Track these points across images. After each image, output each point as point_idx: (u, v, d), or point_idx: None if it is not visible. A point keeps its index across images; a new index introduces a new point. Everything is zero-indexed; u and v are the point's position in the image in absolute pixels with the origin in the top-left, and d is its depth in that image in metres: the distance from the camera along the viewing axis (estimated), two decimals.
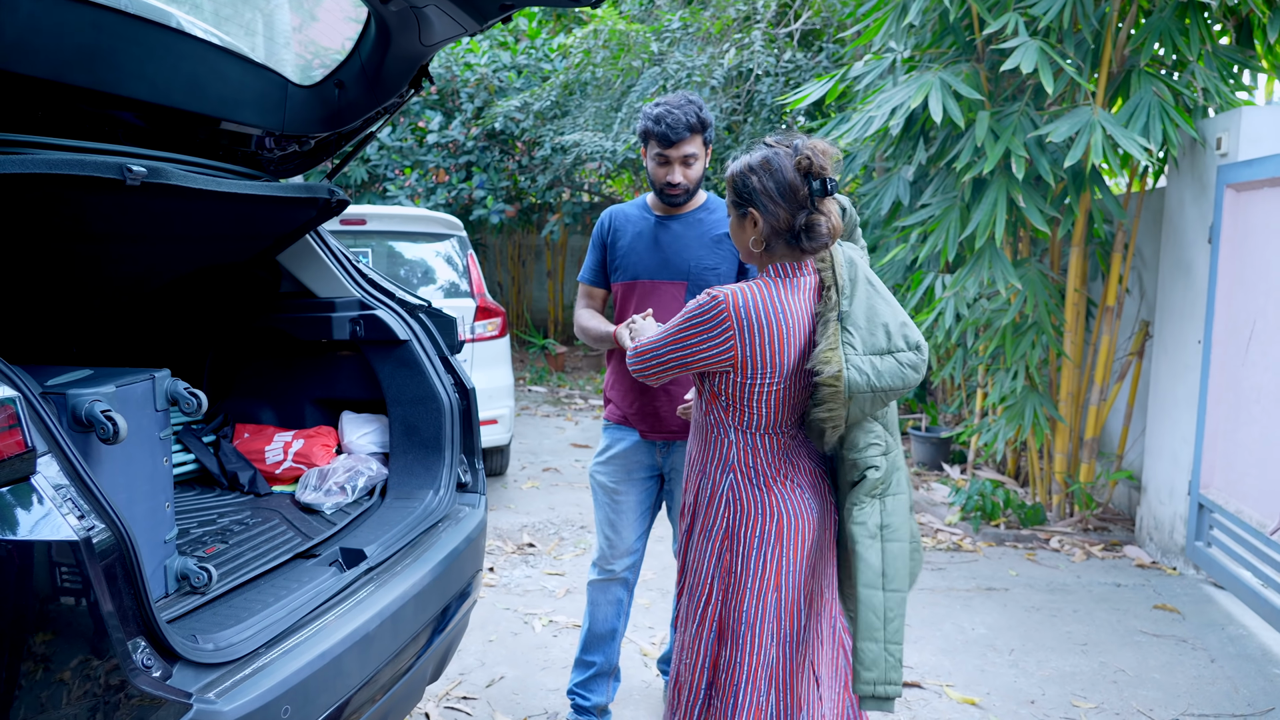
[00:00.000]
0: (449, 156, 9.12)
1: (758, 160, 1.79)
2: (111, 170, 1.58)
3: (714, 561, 1.85)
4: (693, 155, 2.39)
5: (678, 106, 2.36)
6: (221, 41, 2.16)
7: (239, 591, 1.79)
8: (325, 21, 2.63)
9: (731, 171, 1.81)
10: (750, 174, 1.78)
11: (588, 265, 2.62)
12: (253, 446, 2.56)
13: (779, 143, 1.82)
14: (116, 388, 1.58)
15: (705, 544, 1.87)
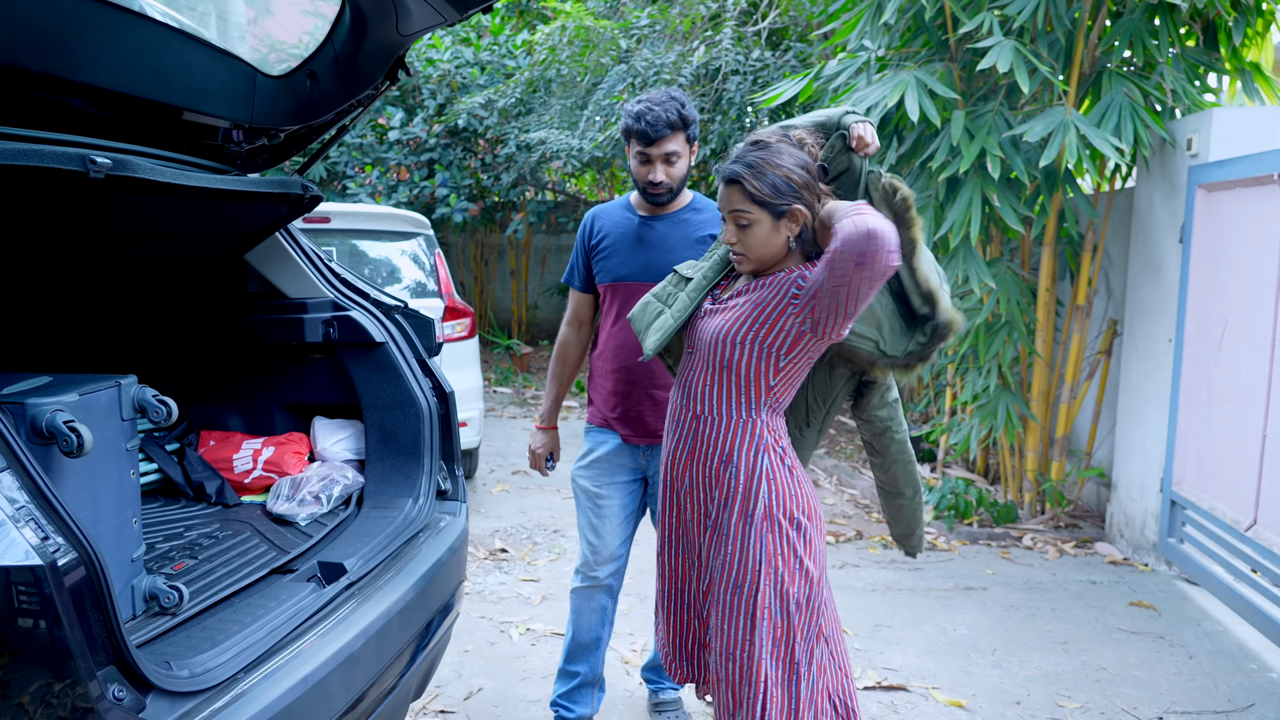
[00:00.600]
0: (411, 154, 8.95)
1: (789, 156, 1.77)
2: (73, 162, 1.47)
3: (758, 547, 1.79)
4: (675, 153, 2.33)
5: (659, 103, 2.30)
6: (186, 27, 2.04)
7: (212, 611, 1.68)
8: (281, 15, 2.52)
9: (767, 178, 1.76)
10: (795, 169, 1.77)
11: (571, 267, 2.55)
12: (219, 455, 2.43)
13: (775, 135, 1.81)
14: (79, 396, 1.47)
15: (746, 531, 1.80)
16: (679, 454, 1.94)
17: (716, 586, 1.85)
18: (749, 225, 1.79)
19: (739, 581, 1.80)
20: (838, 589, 3.79)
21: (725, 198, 1.81)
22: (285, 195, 2.19)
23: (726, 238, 1.84)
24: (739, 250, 1.83)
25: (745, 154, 1.80)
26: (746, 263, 1.84)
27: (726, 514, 1.84)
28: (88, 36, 1.73)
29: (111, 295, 2.42)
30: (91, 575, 1.23)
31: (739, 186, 1.78)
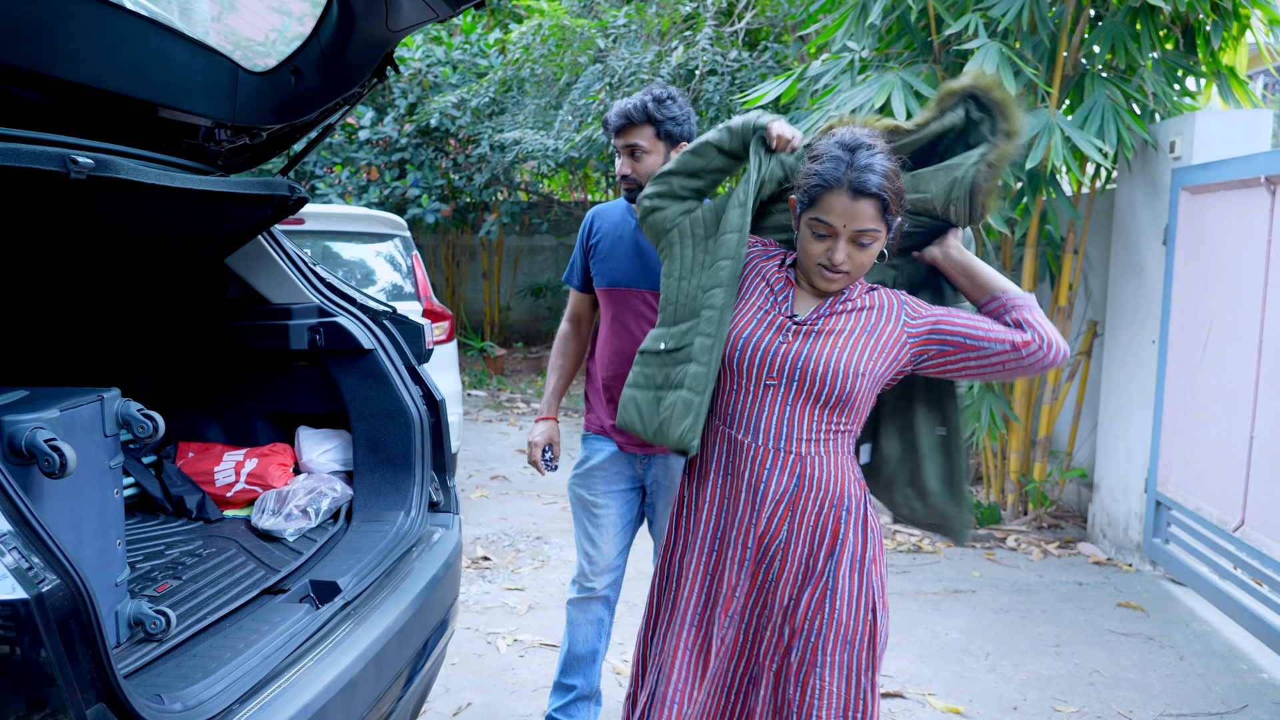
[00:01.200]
0: (381, 154, 8.81)
1: (891, 156, 1.59)
2: (53, 162, 1.37)
3: (867, 594, 1.66)
4: (638, 146, 2.26)
5: (634, 97, 2.29)
6: (165, 20, 1.94)
7: (202, 636, 1.59)
8: (247, 11, 2.43)
9: (897, 189, 1.57)
10: (897, 175, 1.59)
11: (571, 265, 2.50)
12: (200, 467, 2.33)
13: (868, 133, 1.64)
14: (61, 412, 1.37)
15: (859, 579, 1.66)
16: (768, 500, 1.66)
17: (825, 646, 1.64)
18: (871, 244, 1.57)
19: (853, 634, 1.65)
20: None
21: (851, 214, 1.54)
22: (270, 197, 2.10)
23: (836, 258, 1.57)
24: (845, 269, 1.59)
25: (868, 158, 1.55)
26: (844, 282, 1.63)
27: (833, 563, 1.65)
28: (65, 29, 1.63)
29: (84, 300, 2.31)
30: (80, 607, 1.15)
31: (878, 203, 1.53)
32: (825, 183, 1.56)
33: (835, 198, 1.55)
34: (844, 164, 1.55)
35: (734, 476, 1.69)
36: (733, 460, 1.69)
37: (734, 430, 1.69)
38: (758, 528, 1.67)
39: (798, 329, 1.65)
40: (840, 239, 1.57)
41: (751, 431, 1.66)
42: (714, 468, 1.73)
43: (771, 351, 1.64)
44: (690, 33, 6.79)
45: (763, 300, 1.71)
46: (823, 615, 1.64)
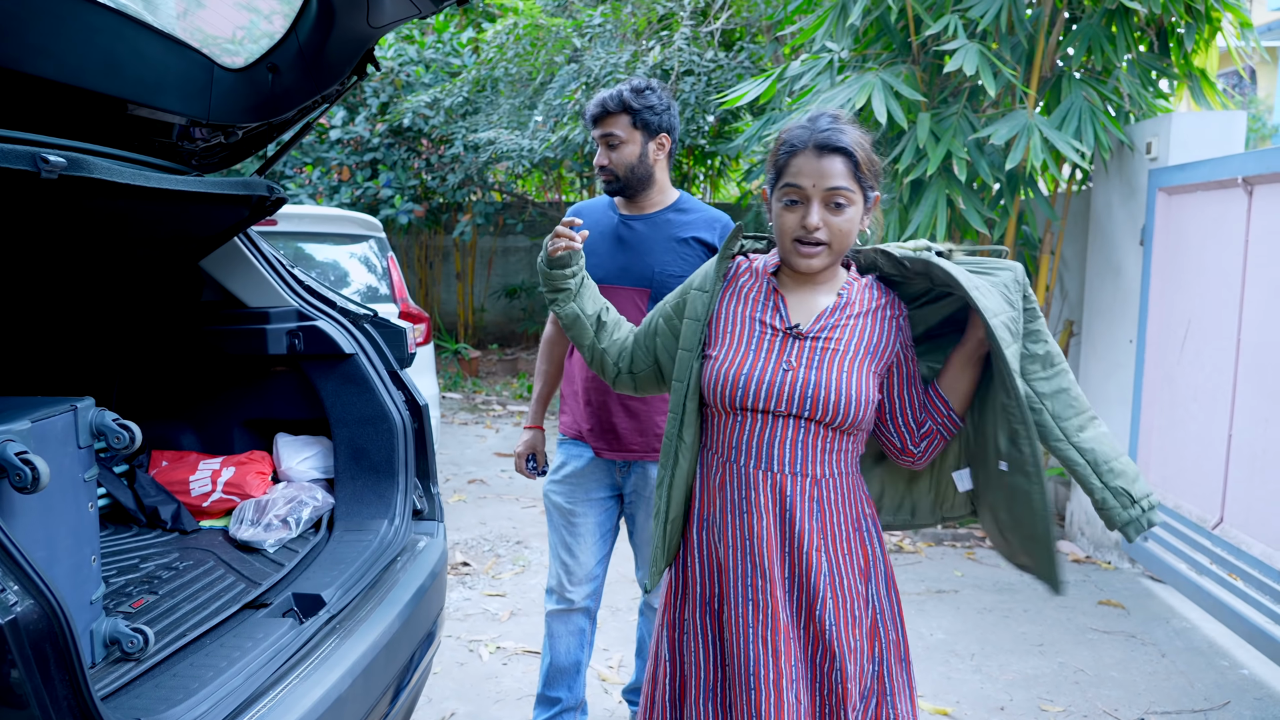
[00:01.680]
0: (353, 154, 8.69)
1: (863, 132, 1.54)
2: (22, 160, 1.31)
3: (900, 610, 1.62)
4: (614, 135, 2.24)
5: (613, 88, 2.27)
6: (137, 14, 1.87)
7: (182, 655, 1.53)
8: (214, 8, 2.35)
9: (867, 150, 1.51)
10: (871, 149, 1.52)
11: None
12: (174, 477, 2.26)
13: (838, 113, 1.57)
14: (32, 423, 1.31)
15: (894, 598, 1.60)
16: (799, 530, 1.52)
17: (889, 671, 1.56)
18: (845, 206, 1.48)
19: (904, 653, 1.60)
20: None
21: (820, 172, 1.46)
22: (248, 197, 2.03)
23: (810, 221, 1.47)
24: (822, 238, 1.49)
25: (834, 122, 1.50)
26: (826, 256, 1.51)
27: (872, 586, 1.57)
28: (35, 23, 1.56)
29: (53, 304, 2.22)
30: (55, 630, 1.09)
31: (846, 158, 1.47)
32: (792, 146, 1.51)
33: (802, 159, 1.49)
34: (809, 129, 1.51)
35: (763, 511, 1.53)
36: (752, 494, 1.54)
37: (748, 463, 1.54)
38: (797, 562, 1.53)
39: (801, 345, 1.53)
40: (813, 201, 1.48)
41: (766, 460, 1.53)
42: (740, 508, 1.56)
43: (778, 384, 1.52)
44: (667, 33, 6.77)
45: (752, 326, 1.59)
46: (878, 641, 1.57)
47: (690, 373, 1.59)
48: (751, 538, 1.54)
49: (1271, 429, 2.96)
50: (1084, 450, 1.55)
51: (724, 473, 1.58)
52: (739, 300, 1.62)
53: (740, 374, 1.53)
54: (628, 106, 2.23)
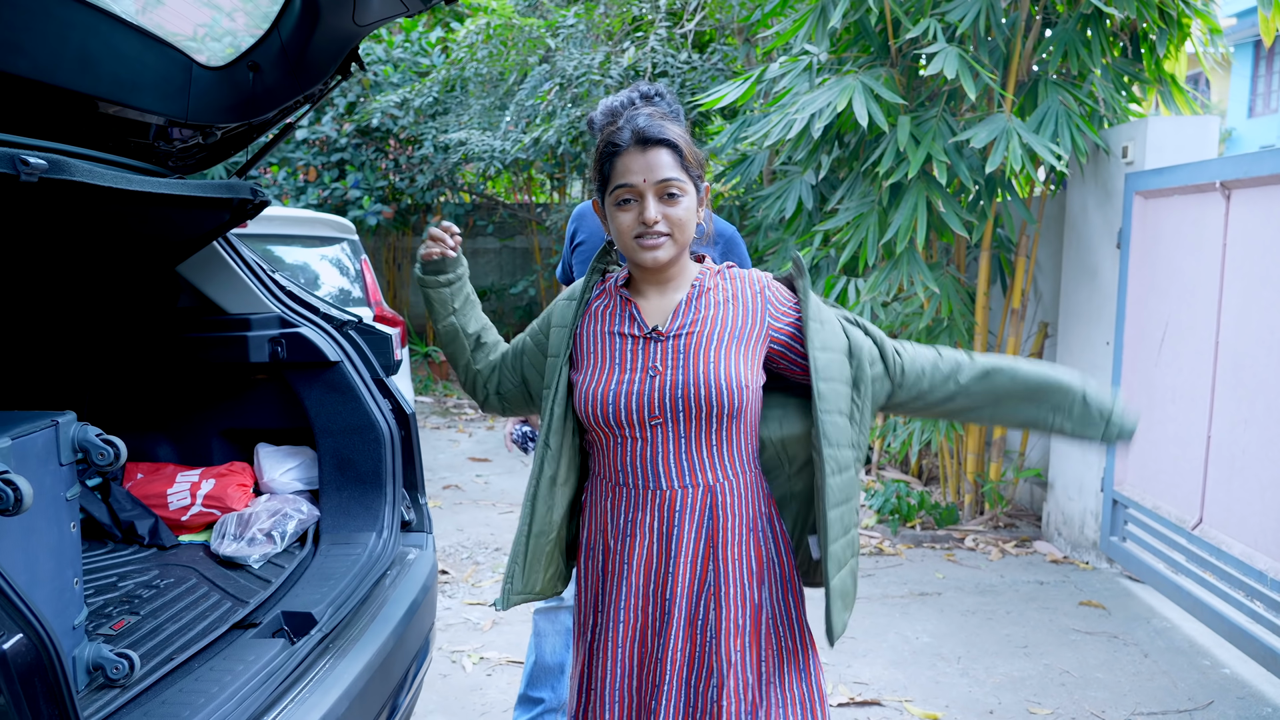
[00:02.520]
0: (319, 154, 8.55)
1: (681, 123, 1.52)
2: (1, 163, 1.23)
3: (803, 618, 1.55)
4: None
5: (620, 94, 2.18)
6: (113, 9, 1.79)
7: (170, 680, 1.46)
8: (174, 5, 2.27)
9: (688, 140, 1.48)
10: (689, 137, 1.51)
11: (562, 264, 2.48)
12: (151, 490, 2.18)
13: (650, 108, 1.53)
14: (13, 440, 1.24)
15: (793, 604, 1.53)
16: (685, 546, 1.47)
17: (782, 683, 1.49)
18: (679, 196, 1.44)
19: (807, 665, 1.52)
20: None
21: (648, 165, 1.43)
22: (229, 200, 1.96)
23: (649, 215, 1.42)
24: (663, 230, 1.44)
25: (648, 117, 1.47)
26: (670, 246, 1.45)
27: (767, 591, 1.50)
28: (5, 18, 1.48)
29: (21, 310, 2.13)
30: (45, 663, 1.03)
31: (671, 149, 1.44)
32: (614, 146, 1.47)
33: (628, 157, 1.45)
34: (625, 128, 1.46)
35: (648, 533, 1.48)
36: (638, 515, 1.49)
37: (635, 482, 1.49)
38: (685, 581, 1.47)
39: (663, 346, 1.47)
40: (647, 196, 1.43)
41: (653, 478, 1.47)
42: (624, 531, 1.50)
43: (647, 390, 1.45)
44: (640, 34, 6.74)
45: (612, 336, 1.52)
46: (771, 649, 1.49)
47: (557, 380, 1.54)
48: (630, 561, 1.49)
49: (1250, 430, 3.00)
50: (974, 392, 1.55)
51: (611, 497, 1.52)
52: (595, 320, 1.56)
53: (608, 390, 1.47)
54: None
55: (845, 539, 1.47)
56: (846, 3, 3.90)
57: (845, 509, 1.46)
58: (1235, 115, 18.39)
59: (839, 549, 1.45)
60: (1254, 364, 2.99)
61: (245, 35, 2.15)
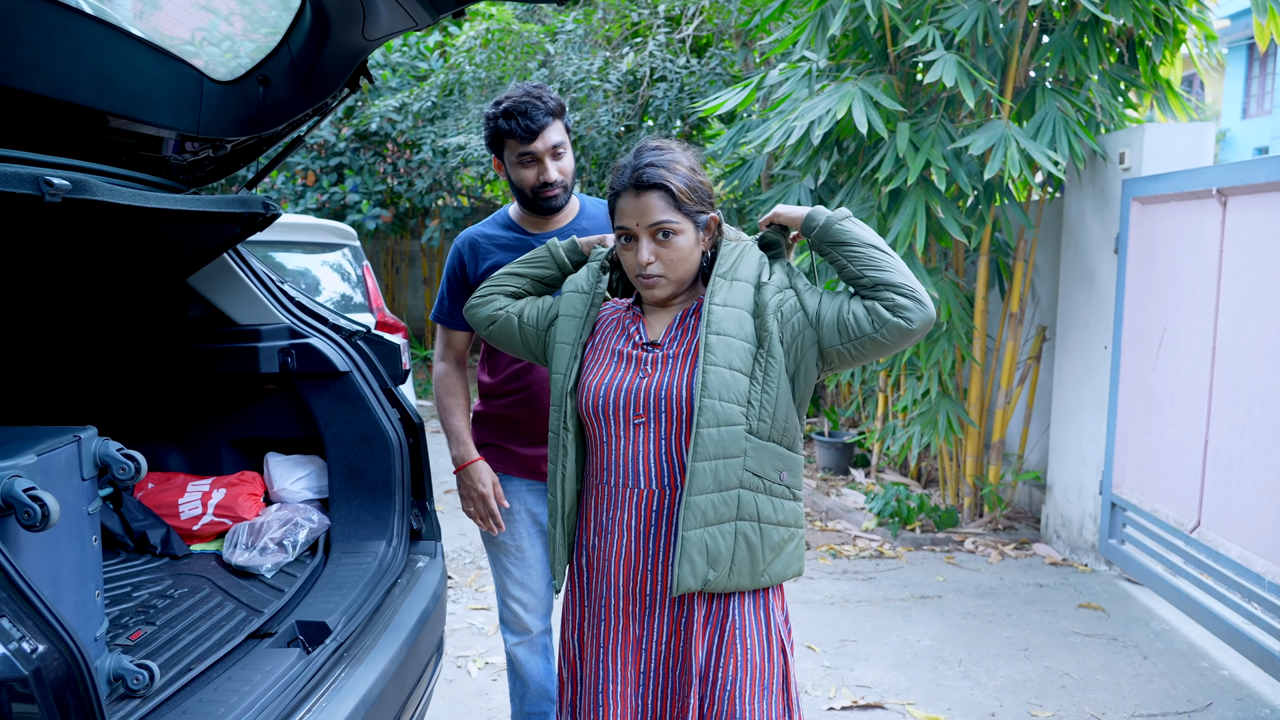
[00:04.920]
0: (318, 158, 8.56)
1: (691, 154, 1.60)
2: (26, 184, 1.26)
3: (773, 631, 1.56)
4: (560, 144, 2.06)
5: (525, 96, 2.05)
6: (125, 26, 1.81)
7: (189, 690, 1.48)
8: (171, 9, 2.29)
9: (684, 180, 1.54)
10: (699, 171, 1.58)
11: (441, 303, 2.22)
12: (162, 499, 2.19)
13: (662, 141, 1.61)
14: (38, 456, 1.26)
15: (762, 616, 1.56)
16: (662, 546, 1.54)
17: (741, 695, 1.51)
18: (673, 236, 1.53)
19: (768, 678, 1.53)
20: (797, 603, 3.76)
21: (640, 209, 1.52)
22: (240, 214, 1.98)
23: (641, 258, 1.52)
24: (657, 271, 1.54)
25: (651, 156, 1.55)
26: (665, 286, 1.56)
27: (736, 599, 1.54)
28: (23, 36, 1.50)
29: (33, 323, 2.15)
30: (74, 675, 1.05)
31: (662, 192, 1.51)
32: (615, 191, 1.57)
33: (624, 200, 1.55)
34: (627, 168, 1.57)
35: (626, 530, 1.57)
36: (620, 514, 1.57)
37: (616, 480, 1.58)
38: (663, 579, 1.54)
39: (655, 357, 1.57)
40: (641, 239, 1.54)
41: (632, 476, 1.56)
42: (610, 528, 1.59)
43: (635, 389, 1.55)
44: (639, 39, 6.76)
45: (617, 342, 1.63)
46: (735, 660, 1.51)
47: (568, 369, 1.63)
48: (610, 557, 1.59)
49: (1247, 434, 3.04)
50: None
51: (595, 495, 1.62)
52: (606, 327, 1.68)
53: (602, 383, 1.58)
54: (561, 107, 2.08)
55: (718, 495, 1.48)
56: (846, 10, 3.93)
57: (721, 464, 1.48)
58: (1229, 116, 18.49)
59: (702, 502, 1.47)
60: (1251, 368, 3.02)
61: (243, 40, 2.18)
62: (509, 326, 1.75)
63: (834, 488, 5.54)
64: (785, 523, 1.53)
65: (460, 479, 2.16)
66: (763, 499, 1.51)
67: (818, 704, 2.93)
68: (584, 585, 1.66)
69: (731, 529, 1.49)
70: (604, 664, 1.59)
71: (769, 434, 1.51)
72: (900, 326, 1.46)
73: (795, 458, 1.56)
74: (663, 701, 1.56)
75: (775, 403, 1.51)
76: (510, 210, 2.24)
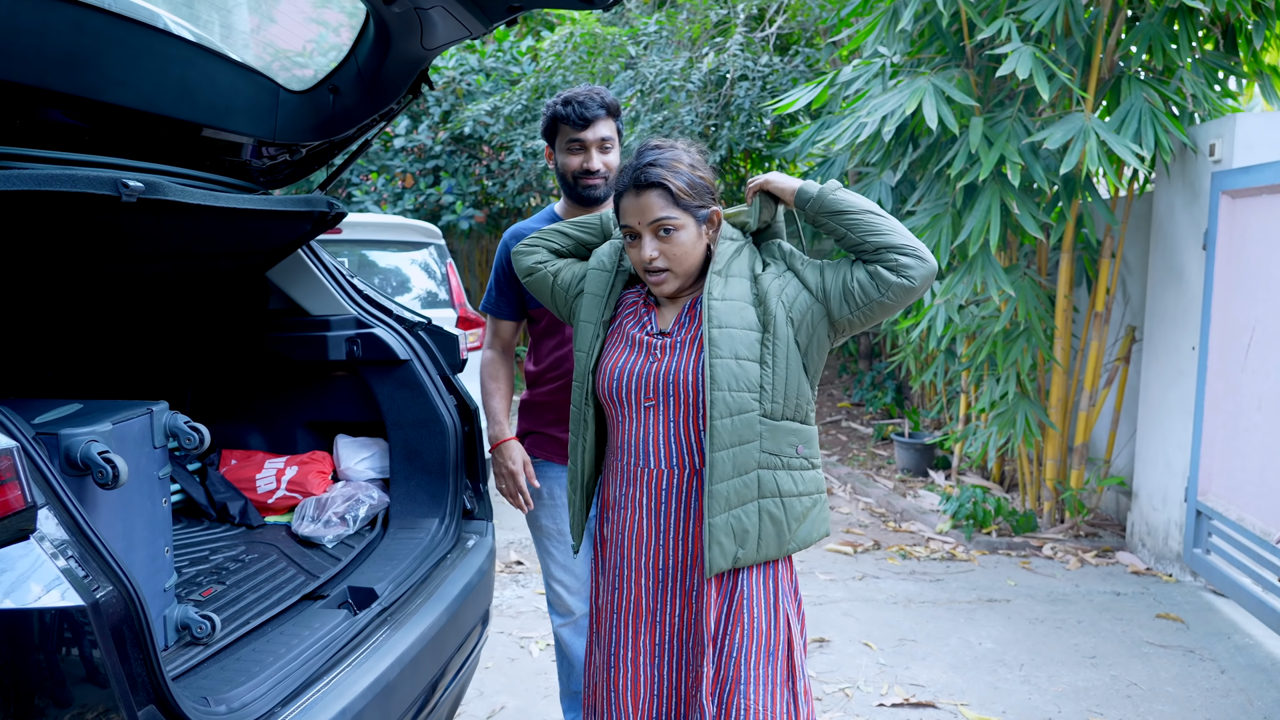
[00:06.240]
0: (416, 161, 8.93)
1: (694, 151, 1.68)
2: (106, 186, 1.43)
3: (778, 600, 1.63)
4: (609, 139, 2.19)
5: (585, 91, 2.20)
6: (208, 43, 2.01)
7: (245, 641, 1.65)
8: (285, 24, 2.49)
9: (684, 178, 1.60)
10: (700, 167, 1.65)
11: (492, 294, 2.31)
12: (242, 475, 2.40)
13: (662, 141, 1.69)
14: (113, 425, 1.43)
15: (769, 586, 1.63)
16: (674, 524, 1.64)
17: (745, 660, 1.58)
18: (674, 231, 1.60)
19: (771, 645, 1.61)
20: (858, 601, 3.75)
21: (641, 208, 1.59)
22: (310, 213, 2.16)
23: (645, 254, 1.60)
24: (661, 266, 1.61)
25: (651, 156, 1.62)
26: (671, 281, 1.63)
27: (745, 572, 1.62)
28: (114, 56, 1.70)
29: (131, 314, 2.38)
30: (132, 614, 1.20)
31: (661, 190, 1.58)
32: (619, 191, 1.65)
33: (626, 200, 1.62)
34: (628, 169, 1.64)
35: (639, 508, 1.66)
36: (634, 491, 1.66)
37: (629, 460, 1.66)
38: (676, 554, 1.64)
39: (664, 344, 1.65)
40: (644, 236, 1.61)
41: (644, 457, 1.64)
42: (625, 504, 1.68)
43: (645, 373, 1.63)
44: (721, 39, 6.81)
45: (633, 327, 1.71)
46: (741, 628, 1.58)
47: (591, 348, 1.72)
48: (624, 533, 1.68)
49: None
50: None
51: (611, 472, 1.72)
52: (624, 315, 1.76)
53: (616, 367, 1.67)
54: (616, 108, 2.21)
55: (739, 480, 1.55)
56: (917, 4, 3.89)
57: (739, 451, 1.55)
58: None
59: (724, 489, 1.55)
60: None
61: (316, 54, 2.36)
62: (544, 282, 1.84)
63: (911, 489, 5.46)
64: (806, 492, 1.62)
65: (494, 457, 2.28)
66: (782, 474, 1.58)
67: (869, 700, 2.93)
68: (604, 558, 1.75)
69: (755, 508, 1.56)
70: (619, 632, 1.68)
71: (783, 413, 1.58)
72: (904, 285, 1.53)
73: (809, 430, 1.63)
74: (678, 672, 1.65)
75: (786, 382, 1.58)
76: (557, 207, 2.36)
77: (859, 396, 7.58)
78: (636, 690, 1.65)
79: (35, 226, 1.52)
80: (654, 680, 1.66)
